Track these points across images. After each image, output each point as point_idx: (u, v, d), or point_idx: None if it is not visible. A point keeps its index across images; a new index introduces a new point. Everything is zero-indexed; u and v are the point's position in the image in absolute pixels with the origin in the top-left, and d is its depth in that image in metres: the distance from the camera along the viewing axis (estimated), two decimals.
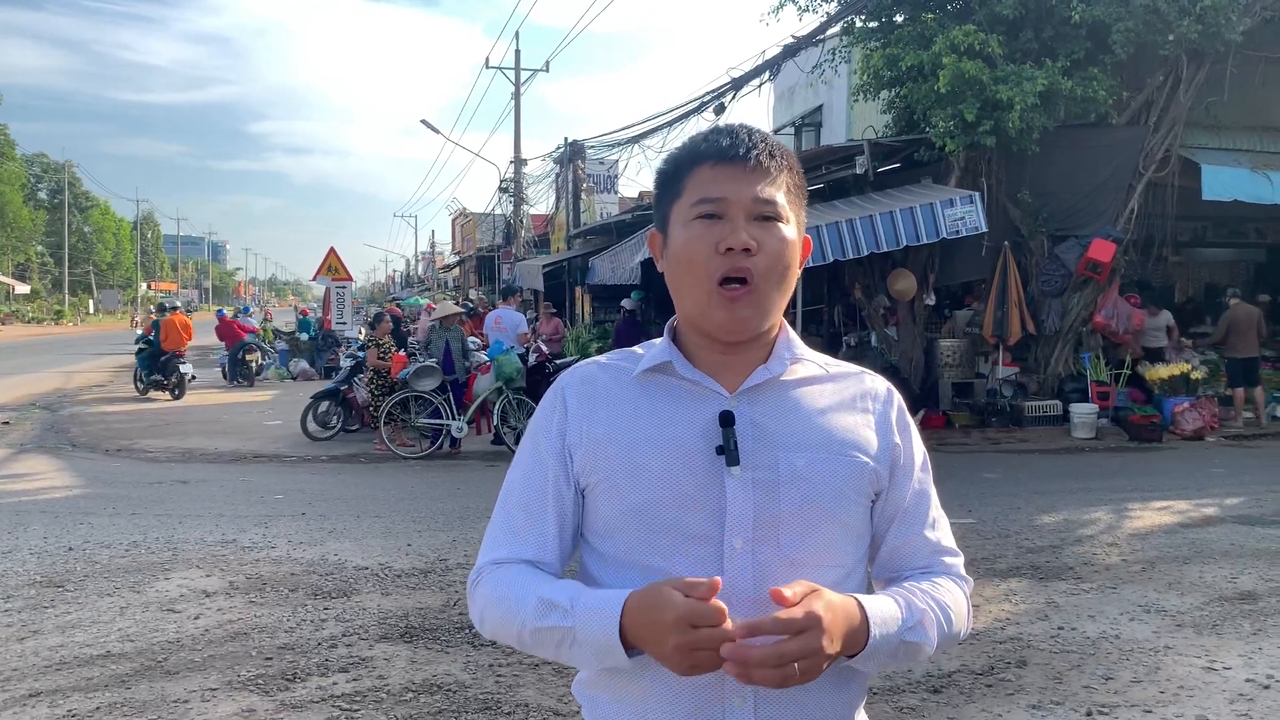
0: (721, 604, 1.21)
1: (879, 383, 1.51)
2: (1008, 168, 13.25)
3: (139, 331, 20.36)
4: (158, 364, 18.31)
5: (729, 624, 1.20)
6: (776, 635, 1.19)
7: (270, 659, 4.93)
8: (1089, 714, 4.28)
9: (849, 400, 1.45)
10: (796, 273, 1.43)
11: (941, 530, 1.51)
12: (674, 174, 1.44)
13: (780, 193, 1.39)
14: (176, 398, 18.10)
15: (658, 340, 1.48)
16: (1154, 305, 14.31)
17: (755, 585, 1.32)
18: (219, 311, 24.46)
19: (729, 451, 1.35)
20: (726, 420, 1.36)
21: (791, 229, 1.40)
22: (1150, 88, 13.22)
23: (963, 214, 11.69)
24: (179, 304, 20.93)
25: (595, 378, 1.47)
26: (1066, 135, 13.00)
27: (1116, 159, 13.24)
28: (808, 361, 1.47)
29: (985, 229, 12.04)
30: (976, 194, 12.02)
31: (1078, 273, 13.19)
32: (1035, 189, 13.29)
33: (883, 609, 1.34)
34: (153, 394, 18.46)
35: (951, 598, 1.44)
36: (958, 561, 1.51)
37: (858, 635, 1.29)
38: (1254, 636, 5.23)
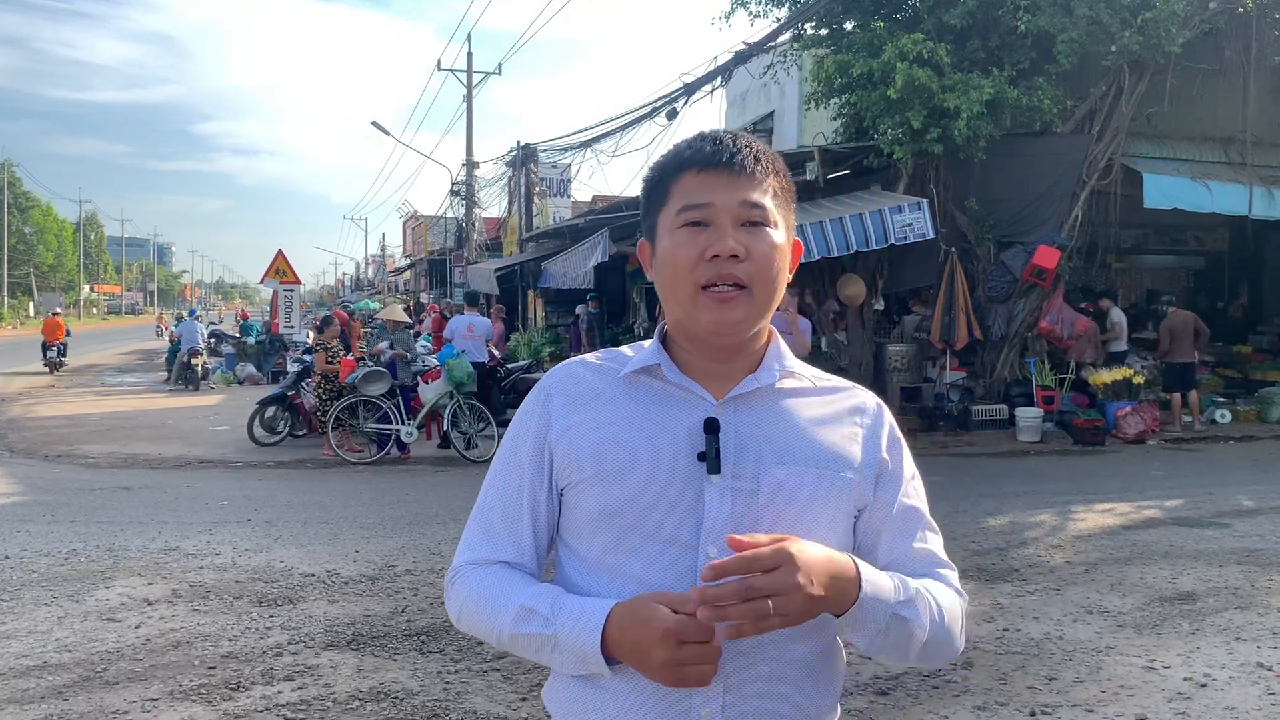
0: (709, 617, 1.21)
1: (869, 398, 1.50)
2: (955, 175, 13.42)
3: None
4: (44, 350, 26.37)
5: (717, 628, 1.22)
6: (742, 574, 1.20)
7: (214, 668, 4.85)
8: (1033, 714, 4.34)
9: (836, 414, 1.44)
10: (787, 277, 1.41)
11: (934, 544, 1.48)
12: (659, 182, 1.42)
13: (767, 197, 1.37)
14: (51, 371, 25.52)
15: (647, 342, 1.47)
16: (1105, 299, 14.54)
17: None
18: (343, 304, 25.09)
19: (710, 459, 1.33)
20: (711, 427, 1.35)
21: (780, 233, 1.38)
22: (1093, 97, 13.47)
23: (911, 220, 11.83)
24: (58, 310, 31.70)
25: (582, 377, 1.46)
26: (1012, 143, 13.20)
27: (1061, 167, 13.47)
28: (797, 374, 1.45)
29: (933, 235, 12.20)
30: (924, 201, 12.17)
31: (1023, 279, 13.40)
32: (982, 196, 13.47)
33: (875, 574, 1.33)
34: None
35: (947, 598, 1.41)
36: (952, 575, 1.48)
37: (847, 589, 1.28)
38: (1192, 636, 5.33)
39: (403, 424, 11.77)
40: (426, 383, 12.26)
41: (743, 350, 1.41)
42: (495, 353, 14.33)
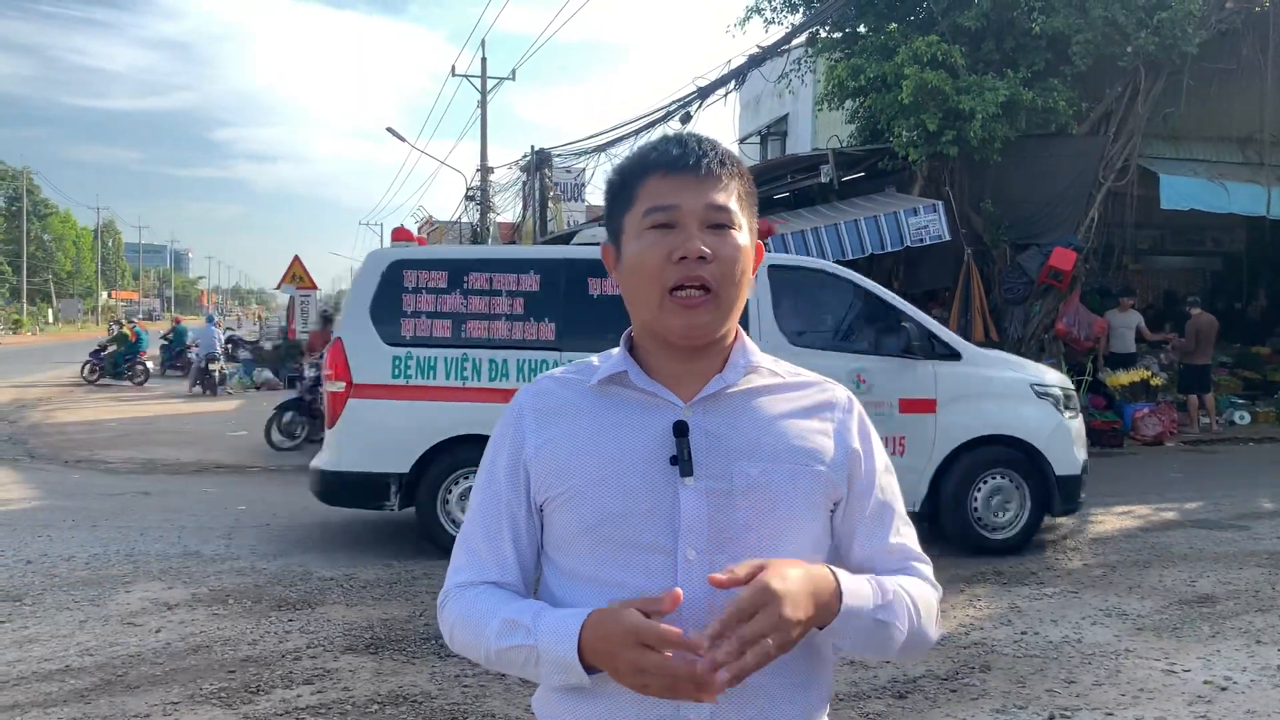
0: (674, 629, 1.21)
1: (839, 391, 1.50)
2: (970, 177, 13.38)
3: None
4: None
5: (697, 637, 1.20)
6: (736, 628, 1.19)
7: (233, 672, 4.88)
8: (1051, 717, 4.33)
9: (807, 409, 1.45)
10: (751, 278, 1.43)
11: (908, 537, 1.50)
12: (624, 184, 1.42)
13: (732, 200, 1.38)
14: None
15: (614, 350, 1.47)
16: (1126, 298, 14.45)
17: (709, 595, 1.30)
18: None
19: (682, 462, 1.35)
20: (680, 430, 1.36)
21: (745, 235, 1.39)
22: (1109, 99, 13.41)
23: (926, 222, 11.80)
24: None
25: (552, 391, 1.47)
26: (1028, 145, 13.15)
27: (1077, 168, 13.41)
28: (766, 369, 1.46)
29: (948, 237, 12.16)
30: (940, 203, 12.14)
31: (1039, 280, 13.33)
32: (997, 198, 13.42)
33: (855, 582, 1.34)
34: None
35: (921, 593, 1.43)
36: (927, 568, 1.50)
37: (828, 603, 1.29)
38: (1212, 639, 5.30)
39: None
40: None
41: (710, 351, 1.42)
42: None
